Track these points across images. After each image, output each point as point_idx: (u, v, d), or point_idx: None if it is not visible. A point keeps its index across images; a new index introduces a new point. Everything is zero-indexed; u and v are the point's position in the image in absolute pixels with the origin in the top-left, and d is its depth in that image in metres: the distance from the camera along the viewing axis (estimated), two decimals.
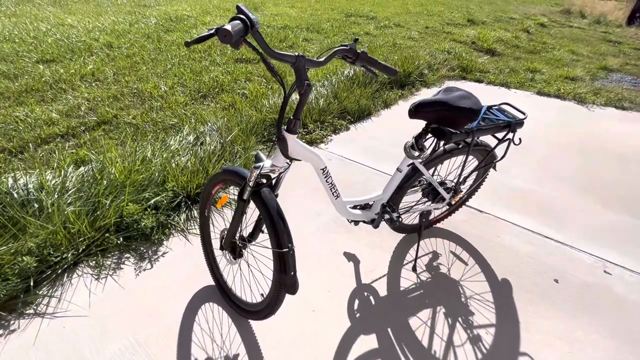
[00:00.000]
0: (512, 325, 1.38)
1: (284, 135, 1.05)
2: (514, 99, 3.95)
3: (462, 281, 1.57)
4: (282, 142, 1.05)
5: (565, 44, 6.96)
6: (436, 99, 1.20)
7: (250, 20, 0.86)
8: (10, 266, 1.43)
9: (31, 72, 3.50)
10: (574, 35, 7.80)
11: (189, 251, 1.71)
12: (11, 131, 2.57)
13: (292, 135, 1.05)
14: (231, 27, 0.83)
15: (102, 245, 1.67)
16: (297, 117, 1.04)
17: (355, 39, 1.07)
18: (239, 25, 0.85)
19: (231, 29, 0.82)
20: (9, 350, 1.25)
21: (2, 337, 1.29)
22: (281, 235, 1.05)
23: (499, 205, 2.07)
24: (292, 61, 0.95)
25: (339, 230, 1.85)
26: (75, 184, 1.92)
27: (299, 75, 0.97)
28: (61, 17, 5.77)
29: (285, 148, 1.06)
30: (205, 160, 2.20)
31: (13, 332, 1.31)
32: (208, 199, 1.40)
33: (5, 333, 1.30)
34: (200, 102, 3.32)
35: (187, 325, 1.36)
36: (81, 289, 1.49)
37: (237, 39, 0.85)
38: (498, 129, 1.36)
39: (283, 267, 1.07)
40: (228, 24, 0.84)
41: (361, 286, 1.54)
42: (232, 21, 0.86)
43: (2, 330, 1.31)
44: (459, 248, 1.76)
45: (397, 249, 1.74)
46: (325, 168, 1.19)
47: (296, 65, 0.95)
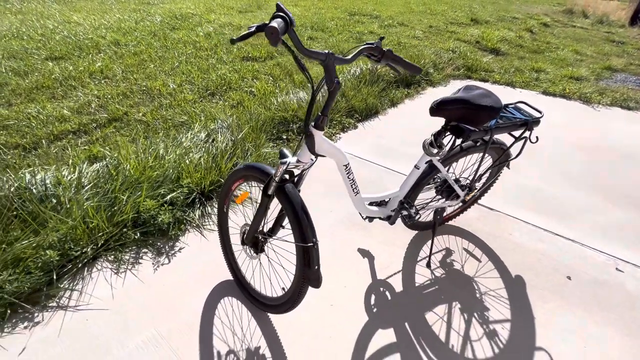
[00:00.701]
0: (527, 320, 1.41)
1: (311, 131, 1.07)
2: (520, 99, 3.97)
3: (476, 277, 1.59)
4: (309, 138, 1.07)
5: (569, 43, 6.97)
6: (458, 97, 1.22)
7: (290, 19, 0.88)
8: (33, 260, 1.46)
9: (41, 69, 3.51)
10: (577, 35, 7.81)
11: (204, 247, 1.74)
12: (24, 127, 2.59)
13: (319, 131, 1.07)
14: (277, 25, 0.85)
15: (120, 240, 1.69)
16: (325, 113, 1.06)
17: (381, 37, 1.09)
18: (282, 23, 0.87)
19: (277, 26, 0.84)
20: (35, 342, 1.27)
21: (27, 329, 1.31)
22: (306, 229, 1.07)
23: (510, 203, 2.09)
24: (323, 59, 0.97)
25: (352, 227, 1.88)
26: (91, 180, 1.94)
27: (329, 72, 0.99)
28: (67, 14, 5.78)
29: (313, 144, 1.08)
30: (218, 158, 2.22)
31: (37, 325, 1.33)
32: (227, 194, 1.42)
33: (30, 325, 1.33)
34: (209, 100, 3.34)
35: (207, 318, 1.38)
36: (101, 283, 1.51)
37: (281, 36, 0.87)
38: (515, 127, 1.38)
39: (307, 261, 1.09)
40: (273, 21, 0.87)
41: (377, 282, 1.56)
42: (275, 19, 0.87)
43: (27, 322, 1.34)
44: (472, 245, 1.78)
45: (411, 246, 1.76)
46: (348, 164, 1.22)
47: (326, 62, 0.97)
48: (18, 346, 1.26)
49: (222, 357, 1.25)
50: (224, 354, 1.26)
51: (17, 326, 1.32)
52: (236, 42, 0.92)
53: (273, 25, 0.84)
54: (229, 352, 1.26)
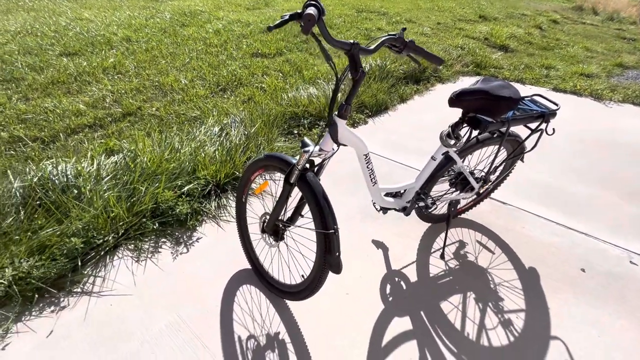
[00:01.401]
0: (541, 311, 1.42)
1: (335, 120, 1.09)
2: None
3: (489, 269, 1.61)
4: (333, 126, 1.10)
5: (579, 40, 6.90)
6: (478, 88, 1.24)
7: (321, 7, 0.90)
8: (58, 247, 1.50)
9: (56, 64, 3.57)
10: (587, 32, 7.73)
11: (221, 237, 1.77)
12: (42, 121, 2.64)
13: (342, 120, 1.10)
14: (313, 12, 0.88)
15: (140, 229, 1.73)
16: (349, 102, 1.08)
17: (403, 28, 1.10)
18: (315, 11, 0.89)
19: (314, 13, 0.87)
20: (62, 326, 1.32)
21: (54, 313, 1.36)
22: (327, 216, 1.10)
23: (523, 197, 2.10)
24: (348, 48, 0.99)
25: (365, 219, 1.90)
26: (109, 172, 1.99)
27: (354, 62, 1.01)
28: (78, 11, 5.85)
29: (336, 132, 1.10)
30: (232, 151, 2.26)
31: (64, 309, 1.37)
32: (246, 184, 1.45)
33: (56, 309, 1.37)
34: (220, 96, 3.37)
35: (227, 305, 1.41)
36: (123, 270, 1.56)
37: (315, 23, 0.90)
38: (532, 119, 1.39)
39: (329, 247, 1.11)
40: (309, 9, 0.89)
41: (391, 272, 1.59)
42: (309, 7, 0.90)
43: (54, 306, 1.38)
44: (485, 238, 1.80)
45: (424, 238, 1.78)
46: (368, 154, 1.24)
47: (351, 52, 0.99)
48: (46, 329, 1.30)
49: (243, 341, 1.28)
50: (245, 338, 1.29)
51: (45, 310, 1.37)
52: (273, 29, 0.95)
53: (310, 12, 0.87)
54: (250, 336, 1.30)
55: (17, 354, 1.22)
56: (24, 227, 1.59)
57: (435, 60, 1.13)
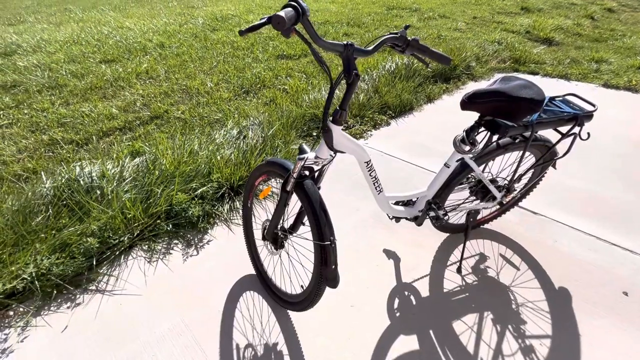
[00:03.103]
0: (571, 338, 1.26)
1: (329, 126, 1.04)
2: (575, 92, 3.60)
3: (512, 287, 1.46)
4: (327, 133, 1.04)
5: (639, 30, 6.21)
6: (492, 89, 1.12)
7: (302, 8, 0.85)
8: (77, 246, 1.58)
9: (95, 71, 3.83)
10: None
11: (231, 240, 1.78)
12: (78, 125, 2.83)
13: (337, 126, 1.04)
14: (284, 14, 0.83)
15: (154, 230, 1.79)
16: (343, 107, 1.02)
17: (406, 25, 1.02)
18: (291, 12, 0.84)
19: (284, 15, 0.82)
20: (75, 322, 1.38)
21: (70, 309, 1.43)
22: (323, 228, 1.05)
23: (557, 206, 1.90)
24: (341, 50, 0.93)
25: (378, 226, 1.81)
26: (132, 173, 2.07)
27: (347, 64, 0.95)
28: (120, 20, 6.25)
29: (331, 139, 1.05)
30: (248, 154, 2.27)
31: (78, 306, 1.44)
32: (251, 190, 1.43)
33: (72, 305, 1.44)
34: (243, 98, 3.42)
35: (229, 311, 1.41)
36: (135, 270, 1.61)
37: (289, 26, 0.84)
38: (562, 123, 1.23)
39: (324, 260, 1.06)
40: (282, 11, 0.84)
41: (401, 285, 1.49)
42: (285, 8, 0.85)
43: (70, 303, 1.45)
44: (510, 251, 1.64)
45: (440, 249, 1.66)
46: (370, 161, 1.17)
47: (344, 54, 0.93)
48: (61, 324, 1.37)
49: (241, 350, 1.26)
50: (243, 347, 1.27)
51: (62, 306, 1.44)
52: (245, 33, 0.91)
53: (280, 14, 0.82)
54: (248, 345, 1.28)
55: (34, 346, 1.29)
56: (50, 226, 1.70)
57: (442, 60, 1.03)
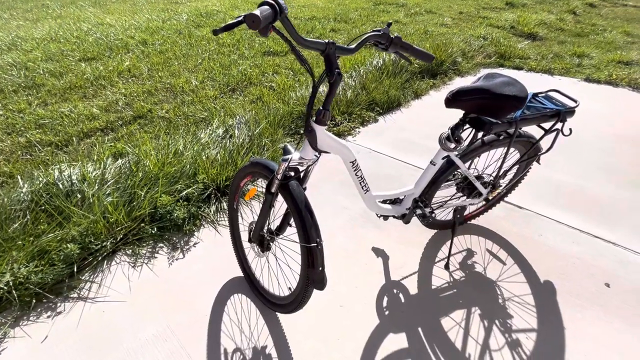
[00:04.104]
0: (555, 331, 1.29)
1: (312, 126, 1.02)
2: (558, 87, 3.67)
3: (499, 282, 1.48)
4: (310, 133, 1.02)
5: (618, 24, 6.36)
6: (476, 87, 1.12)
7: (279, 6, 0.83)
8: (57, 252, 1.53)
9: (74, 70, 3.71)
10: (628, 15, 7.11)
11: (218, 242, 1.75)
12: (57, 126, 2.74)
13: (321, 126, 1.02)
14: (259, 13, 0.80)
15: (138, 234, 1.74)
16: (326, 107, 1.00)
17: (389, 23, 1.01)
18: (267, 10, 0.81)
19: (260, 14, 0.79)
20: (56, 332, 1.33)
21: (50, 318, 1.38)
22: (309, 229, 1.03)
23: (541, 201, 1.93)
24: (322, 48, 0.91)
25: (366, 225, 1.81)
26: (114, 176, 2.01)
27: (329, 63, 0.93)
28: (101, 17, 6.06)
29: (314, 140, 1.03)
30: (234, 153, 2.23)
31: (59, 314, 1.40)
32: (236, 191, 1.40)
33: (52, 315, 1.40)
34: (230, 96, 3.37)
35: (216, 314, 1.38)
36: (119, 276, 1.56)
37: (265, 25, 0.81)
38: (545, 119, 1.24)
39: (311, 262, 1.05)
40: (257, 9, 0.81)
41: (390, 283, 1.50)
42: (261, 6, 0.82)
43: (50, 312, 1.41)
44: (496, 246, 1.66)
45: (428, 246, 1.67)
46: (355, 161, 1.15)
47: (326, 52, 0.91)
48: (41, 334, 1.33)
49: (229, 354, 1.24)
50: (231, 351, 1.25)
51: (41, 315, 1.39)
52: (219, 32, 0.88)
53: (255, 13, 0.79)
54: (236, 349, 1.26)
55: (13, 358, 1.25)
56: (28, 232, 1.63)
57: (425, 57, 1.02)
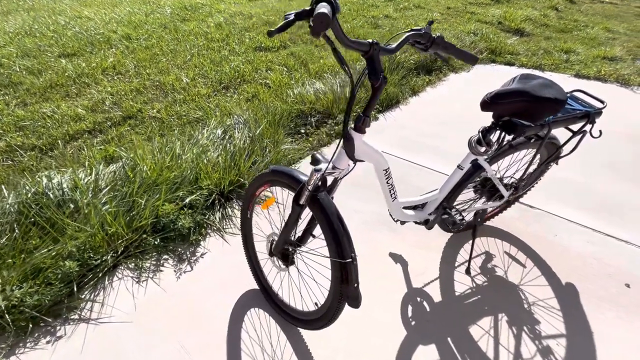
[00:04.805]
0: (584, 335, 1.27)
1: (351, 134, 0.94)
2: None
3: (521, 285, 1.46)
4: (348, 142, 0.95)
5: (599, 21, 6.53)
6: (517, 89, 1.07)
7: (336, 3, 0.73)
8: (53, 270, 1.40)
9: (54, 66, 3.47)
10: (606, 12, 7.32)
11: (227, 251, 1.65)
12: (40, 128, 2.54)
13: (360, 134, 0.95)
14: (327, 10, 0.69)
15: (140, 246, 1.63)
16: (367, 114, 0.93)
17: (430, 21, 0.94)
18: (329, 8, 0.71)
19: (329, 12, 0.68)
20: (58, 358, 1.22)
21: (50, 344, 1.26)
22: (343, 243, 0.96)
23: (552, 200, 1.92)
24: (366, 49, 0.83)
25: (380, 229, 1.76)
26: (108, 182, 1.87)
27: (373, 65, 0.85)
28: (78, 9, 5.72)
29: (352, 149, 0.95)
30: (236, 156, 2.12)
31: (60, 339, 1.28)
32: (251, 199, 1.31)
33: (52, 340, 1.28)
34: (223, 94, 3.23)
35: (234, 332, 1.30)
36: (123, 293, 1.45)
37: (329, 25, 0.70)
38: (575, 120, 1.22)
39: (345, 278, 0.98)
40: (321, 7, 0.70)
41: (412, 290, 1.45)
42: (321, 3, 0.73)
43: (50, 336, 1.28)
44: (514, 248, 1.64)
45: (447, 249, 1.64)
46: (388, 169, 1.09)
47: (370, 54, 0.84)
48: None
49: None
50: None
51: (40, 341, 1.27)
52: (274, 34, 0.79)
53: (323, 11, 0.69)
54: None
55: None
56: (18, 247, 1.49)
57: (469, 59, 0.96)
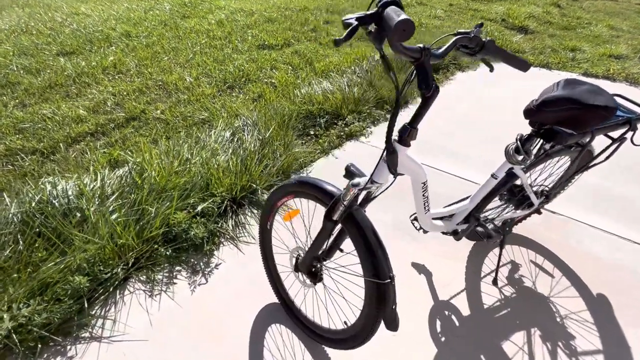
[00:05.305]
0: (621, 350, 1.22)
1: (394, 147, 0.88)
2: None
3: (552, 297, 1.41)
4: (392, 155, 0.88)
5: (601, 18, 6.48)
6: (566, 96, 1.01)
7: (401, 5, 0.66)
8: (62, 286, 1.33)
9: (52, 65, 3.36)
10: (608, 9, 7.27)
11: (242, 262, 1.59)
12: (40, 130, 2.45)
13: (405, 147, 0.88)
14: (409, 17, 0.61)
15: (152, 258, 1.55)
16: (414, 125, 0.86)
17: (480, 23, 0.86)
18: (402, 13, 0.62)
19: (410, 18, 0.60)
20: None
21: None
22: (381, 264, 0.90)
23: (576, 205, 1.87)
24: (417, 56, 0.76)
25: (401, 237, 1.69)
26: (115, 189, 1.80)
27: (424, 73, 0.78)
28: (74, 5, 5.58)
29: (395, 163, 0.89)
30: (247, 160, 2.05)
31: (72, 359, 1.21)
32: (272, 210, 1.25)
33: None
34: (228, 94, 3.14)
35: (255, 350, 1.24)
36: (136, 308, 1.38)
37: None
38: (616, 127, 1.16)
39: (382, 300, 0.92)
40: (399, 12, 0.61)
41: (439, 303, 1.39)
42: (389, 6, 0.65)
43: (60, 357, 1.21)
44: (539, 257, 1.58)
45: (471, 258, 1.58)
46: (426, 182, 1.03)
47: (421, 61, 0.76)
48: None
49: None
50: None
51: None
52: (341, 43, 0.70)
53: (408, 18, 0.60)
54: None
55: None
56: (23, 260, 1.41)
57: (521, 65, 0.89)
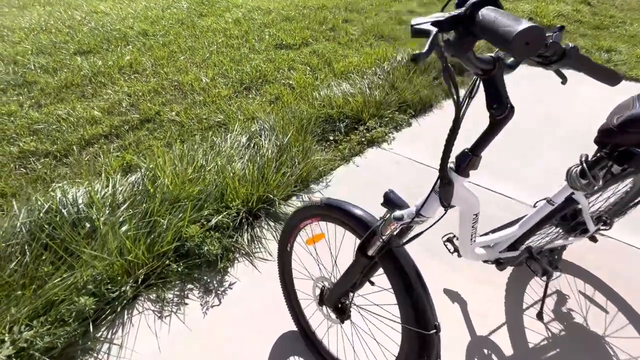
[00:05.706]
0: None
1: (451, 177, 0.73)
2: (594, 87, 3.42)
3: (607, 337, 1.24)
4: (447, 187, 0.73)
5: (636, 17, 6.09)
6: None
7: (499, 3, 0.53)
8: (67, 306, 1.24)
9: (69, 64, 3.33)
10: None
11: (257, 281, 1.47)
12: (54, 132, 2.40)
13: (463, 178, 0.74)
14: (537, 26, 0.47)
15: (162, 274, 1.46)
16: (477, 153, 0.71)
17: (560, 26, 0.70)
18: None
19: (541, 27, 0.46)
20: None
21: None
22: (425, 312, 0.77)
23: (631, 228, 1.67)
24: (491, 67, 0.61)
25: (431, 259, 1.54)
26: (126, 197, 1.71)
27: (495, 88, 0.62)
28: (94, 4, 5.60)
29: (450, 195, 0.74)
30: (264, 169, 1.93)
31: None
32: (293, 231, 1.12)
33: None
34: (245, 95, 3.04)
35: None
36: (144, 331, 1.28)
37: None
38: None
39: (425, 353, 0.78)
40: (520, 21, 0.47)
41: (476, 339, 1.24)
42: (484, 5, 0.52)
43: None
44: (589, 287, 1.41)
45: (510, 286, 1.42)
46: (479, 213, 0.88)
47: (493, 73, 0.62)
48: None
49: None
50: None
51: None
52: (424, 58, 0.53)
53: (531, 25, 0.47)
54: None
55: None
56: (29, 275, 1.34)
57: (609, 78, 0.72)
